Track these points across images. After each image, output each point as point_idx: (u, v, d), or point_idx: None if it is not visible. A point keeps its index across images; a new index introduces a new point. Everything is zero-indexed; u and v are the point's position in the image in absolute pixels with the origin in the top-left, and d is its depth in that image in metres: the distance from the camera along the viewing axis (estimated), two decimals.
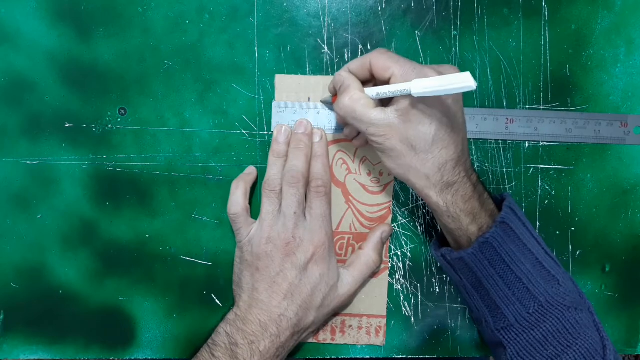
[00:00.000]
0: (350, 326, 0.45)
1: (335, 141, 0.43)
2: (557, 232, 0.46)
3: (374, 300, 0.45)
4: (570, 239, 0.46)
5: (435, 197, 0.38)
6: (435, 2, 0.42)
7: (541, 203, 0.45)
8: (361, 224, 0.44)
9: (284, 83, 0.43)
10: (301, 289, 0.40)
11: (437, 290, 0.46)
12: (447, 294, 0.46)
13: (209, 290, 0.45)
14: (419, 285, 0.46)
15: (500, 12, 0.43)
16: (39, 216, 0.44)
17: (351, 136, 0.42)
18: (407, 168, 0.37)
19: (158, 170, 0.44)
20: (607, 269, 0.46)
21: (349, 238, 0.44)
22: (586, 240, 0.46)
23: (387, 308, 0.46)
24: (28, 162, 0.44)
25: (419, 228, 0.45)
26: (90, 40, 0.42)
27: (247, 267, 0.41)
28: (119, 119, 0.43)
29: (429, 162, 0.37)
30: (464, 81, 0.32)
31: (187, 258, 0.45)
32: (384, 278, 0.45)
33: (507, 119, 0.43)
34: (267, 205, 0.41)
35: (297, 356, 0.46)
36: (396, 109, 0.36)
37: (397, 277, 0.46)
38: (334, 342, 0.46)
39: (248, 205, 0.43)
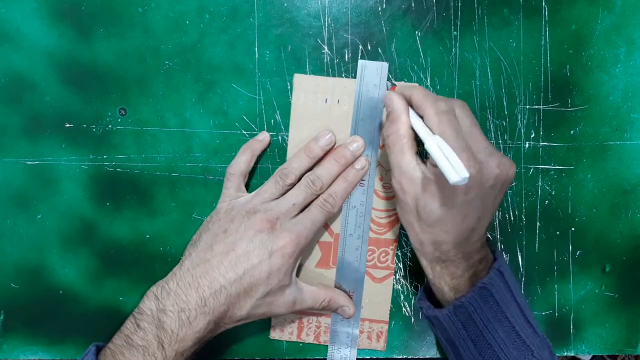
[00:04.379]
0: None
1: None
2: (557, 232, 0.46)
3: (377, 305, 0.45)
4: (570, 239, 0.46)
5: (424, 264, 0.39)
6: (435, 3, 0.42)
7: (541, 203, 0.45)
8: (370, 228, 0.44)
9: (302, 83, 0.42)
10: (255, 270, 0.37)
11: None
12: None
13: None
14: (419, 285, 0.46)
15: (500, 12, 0.43)
16: (39, 216, 0.44)
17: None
18: (408, 224, 0.39)
19: (158, 170, 0.44)
20: (607, 269, 0.46)
21: (367, 244, 0.44)
22: (586, 240, 0.46)
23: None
24: (28, 162, 0.44)
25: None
26: (90, 40, 0.42)
27: (215, 227, 0.39)
28: (119, 119, 0.43)
29: (426, 233, 0.37)
30: (455, 174, 0.31)
31: None
32: (388, 284, 0.45)
33: None
34: (271, 186, 0.40)
35: (297, 356, 0.46)
36: (426, 170, 0.36)
37: (397, 277, 0.46)
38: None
39: (247, 172, 0.42)
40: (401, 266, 0.45)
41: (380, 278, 0.45)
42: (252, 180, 0.44)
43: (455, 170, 0.32)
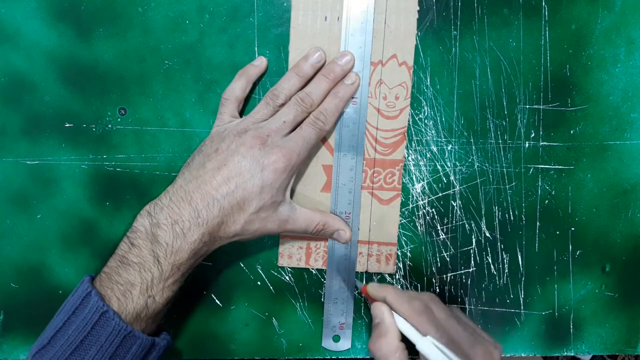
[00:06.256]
0: (360, 253, 0.45)
1: None
2: (557, 232, 0.46)
3: (385, 227, 0.44)
4: (570, 239, 0.46)
5: None
6: (435, 2, 0.42)
7: (541, 203, 0.45)
8: (375, 149, 0.43)
9: (301, 1, 0.42)
10: (247, 184, 0.37)
11: (437, 290, 0.46)
12: (447, 294, 0.46)
13: (209, 290, 0.45)
14: (419, 285, 0.46)
15: (500, 12, 0.43)
16: (39, 216, 0.44)
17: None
18: None
19: (158, 170, 0.44)
20: (607, 269, 0.46)
21: (362, 164, 0.44)
22: (586, 240, 0.46)
23: None
24: (28, 162, 0.44)
25: (419, 228, 0.45)
26: (90, 40, 0.42)
27: (207, 148, 0.39)
28: (119, 119, 0.43)
29: None
30: None
31: None
32: (395, 205, 0.44)
33: None
34: (262, 108, 0.40)
35: (297, 356, 0.46)
36: None
37: (397, 277, 0.46)
38: None
39: (242, 99, 0.42)
40: (401, 266, 0.45)
41: (387, 200, 0.44)
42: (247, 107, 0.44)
43: None
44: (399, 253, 0.45)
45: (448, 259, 0.46)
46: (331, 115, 0.40)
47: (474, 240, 0.45)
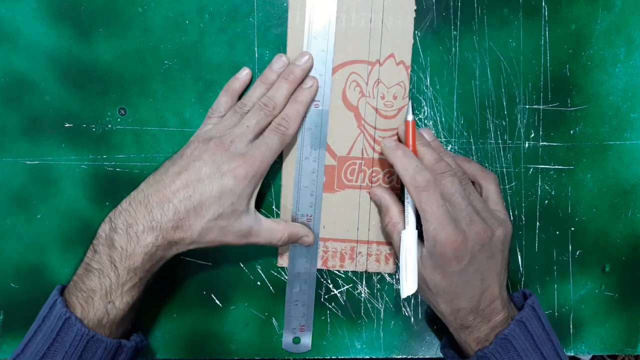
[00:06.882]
0: (360, 253, 0.45)
1: (349, 62, 0.42)
2: (557, 232, 0.46)
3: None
4: (570, 239, 0.46)
5: (451, 330, 0.41)
6: (435, 2, 0.42)
7: (541, 203, 0.45)
8: (373, 149, 0.43)
9: (299, 1, 0.42)
10: (205, 189, 0.37)
11: None
12: None
13: (209, 290, 0.46)
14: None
15: (500, 12, 0.43)
16: (38, 216, 0.44)
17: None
18: (427, 300, 0.41)
19: None
20: (607, 269, 0.46)
21: (360, 164, 0.44)
22: (586, 240, 0.46)
23: (387, 308, 0.46)
24: (28, 162, 0.44)
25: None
26: (90, 40, 0.42)
27: (175, 155, 0.40)
28: (119, 119, 0.43)
29: (442, 304, 0.39)
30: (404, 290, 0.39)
31: (187, 258, 0.45)
32: None
33: None
34: (230, 116, 0.41)
35: (297, 357, 0.46)
36: (423, 249, 0.38)
37: (397, 276, 0.46)
38: (343, 269, 0.45)
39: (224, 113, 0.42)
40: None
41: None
42: None
43: (407, 285, 0.39)
44: None
45: None
46: (293, 121, 0.40)
47: None
